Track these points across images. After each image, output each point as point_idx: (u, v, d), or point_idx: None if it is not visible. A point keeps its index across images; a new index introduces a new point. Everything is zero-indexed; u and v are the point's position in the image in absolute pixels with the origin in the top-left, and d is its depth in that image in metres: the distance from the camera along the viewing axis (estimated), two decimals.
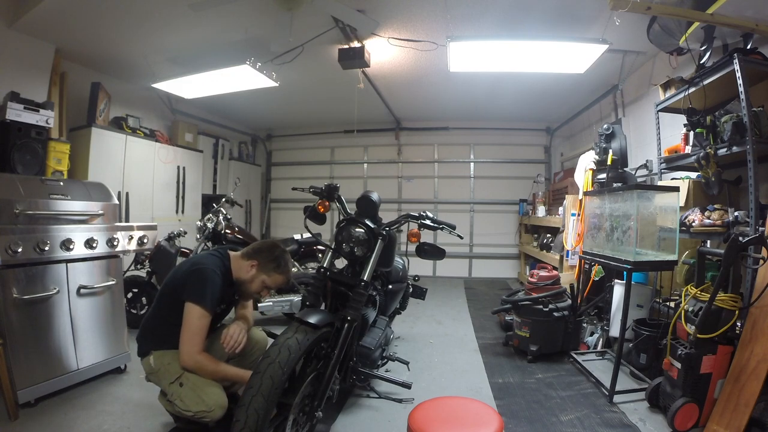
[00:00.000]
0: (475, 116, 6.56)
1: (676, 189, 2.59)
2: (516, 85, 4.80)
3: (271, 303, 3.75)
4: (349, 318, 1.88)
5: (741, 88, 2.24)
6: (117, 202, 2.79)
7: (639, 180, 3.70)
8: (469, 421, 1.36)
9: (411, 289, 3.26)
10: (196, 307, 1.80)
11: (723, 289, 2.05)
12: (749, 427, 1.83)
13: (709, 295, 2.01)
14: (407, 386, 2.38)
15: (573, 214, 3.81)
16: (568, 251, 3.88)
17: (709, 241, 2.51)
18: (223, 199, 3.89)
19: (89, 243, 2.48)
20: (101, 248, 2.56)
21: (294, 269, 4.08)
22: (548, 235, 5.23)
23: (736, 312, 2.01)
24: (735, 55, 2.28)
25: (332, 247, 2.15)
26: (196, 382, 1.79)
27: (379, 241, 2.08)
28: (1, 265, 2.07)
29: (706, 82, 2.55)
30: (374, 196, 2.16)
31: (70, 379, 2.37)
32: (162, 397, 1.91)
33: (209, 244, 3.65)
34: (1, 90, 3.22)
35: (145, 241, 2.86)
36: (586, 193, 3.43)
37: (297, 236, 4.18)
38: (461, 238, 2.37)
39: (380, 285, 2.57)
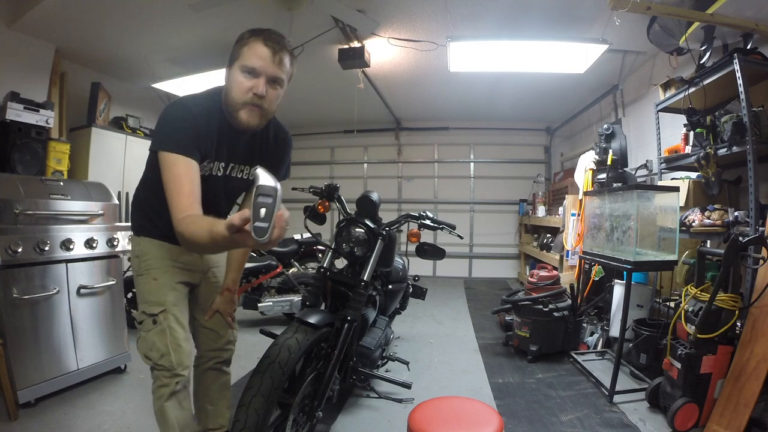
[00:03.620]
0: (475, 116, 6.55)
1: (676, 189, 2.59)
2: (516, 85, 4.79)
3: (271, 303, 3.75)
4: (349, 318, 1.88)
5: (741, 88, 2.23)
6: (117, 202, 2.79)
7: (639, 180, 3.69)
8: (469, 421, 1.35)
9: (411, 289, 3.25)
10: (163, 155, 1.23)
11: (723, 289, 2.05)
12: (749, 427, 1.83)
13: (709, 295, 2.01)
14: (407, 386, 2.38)
15: (573, 214, 3.81)
16: (568, 251, 3.88)
17: (709, 241, 2.51)
18: None
19: (89, 243, 2.49)
20: (101, 248, 2.56)
21: (294, 269, 4.08)
22: (548, 235, 5.23)
23: (736, 312, 2.01)
24: (735, 55, 2.27)
25: (332, 247, 2.15)
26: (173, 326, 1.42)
27: (379, 241, 2.08)
28: (1, 265, 2.07)
29: (706, 82, 2.55)
30: (374, 196, 2.16)
31: (70, 379, 2.37)
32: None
33: None
34: (1, 90, 3.21)
35: None
36: (586, 193, 3.43)
37: (297, 236, 4.17)
38: (461, 238, 2.36)
39: (380, 285, 2.56)
